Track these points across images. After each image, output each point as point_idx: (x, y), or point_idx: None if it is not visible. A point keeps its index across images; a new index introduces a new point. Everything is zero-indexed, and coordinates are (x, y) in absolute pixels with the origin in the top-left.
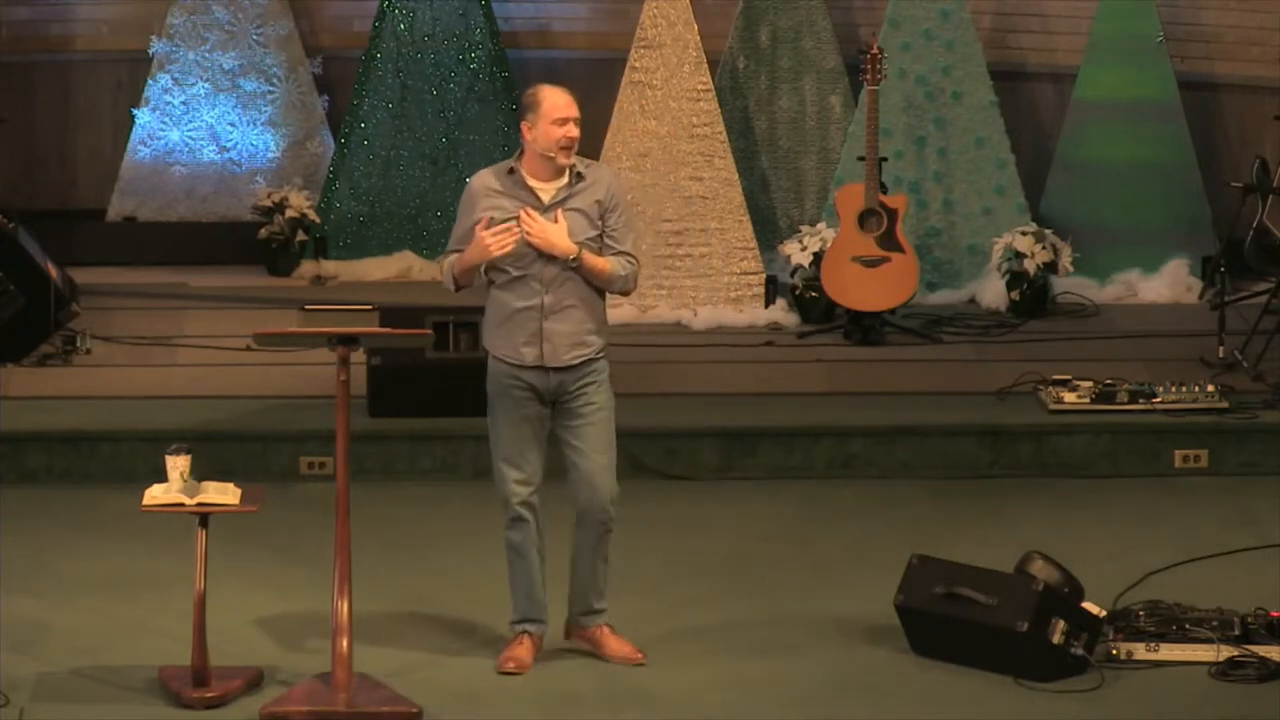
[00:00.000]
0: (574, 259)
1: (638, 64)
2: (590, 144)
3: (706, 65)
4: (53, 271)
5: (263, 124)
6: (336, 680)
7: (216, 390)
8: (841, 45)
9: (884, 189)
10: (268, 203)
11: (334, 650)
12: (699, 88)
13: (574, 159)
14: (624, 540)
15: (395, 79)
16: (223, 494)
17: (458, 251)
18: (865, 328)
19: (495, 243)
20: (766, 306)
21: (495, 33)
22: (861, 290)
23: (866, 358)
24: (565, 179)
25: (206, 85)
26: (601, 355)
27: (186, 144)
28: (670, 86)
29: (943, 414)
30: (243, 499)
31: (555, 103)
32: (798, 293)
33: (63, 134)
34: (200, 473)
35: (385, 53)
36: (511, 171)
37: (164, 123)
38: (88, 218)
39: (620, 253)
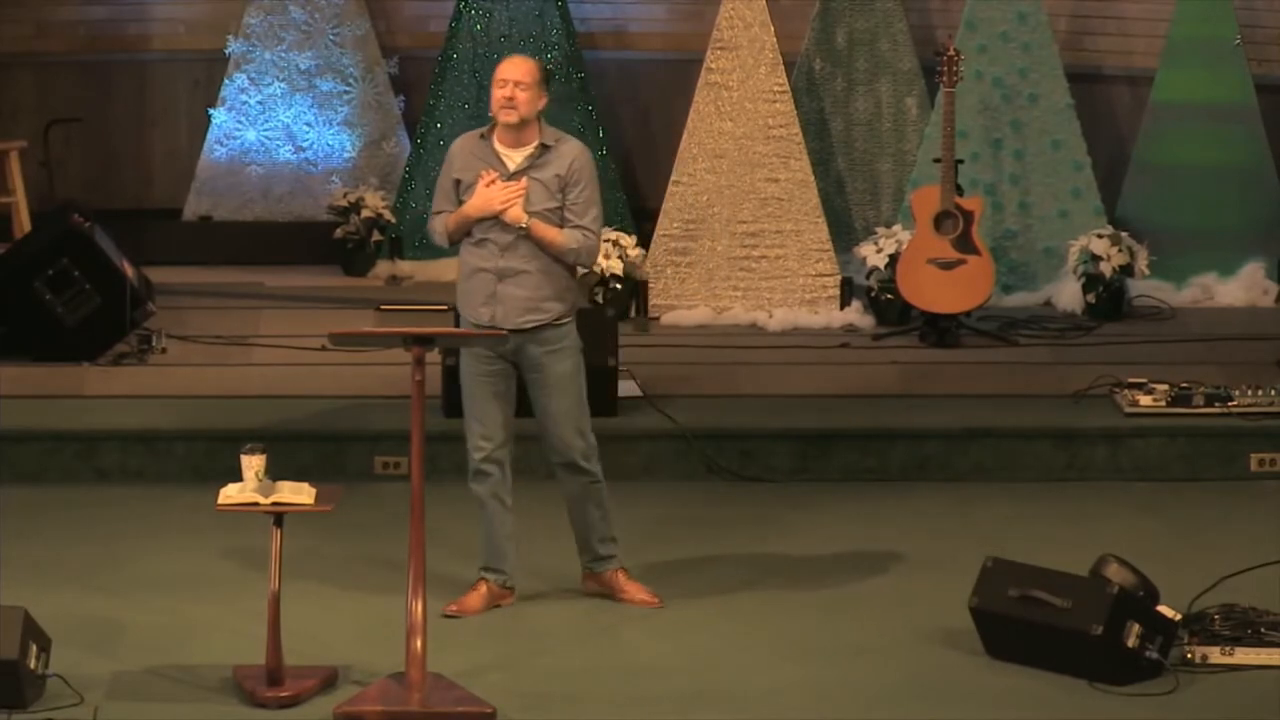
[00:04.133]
0: (523, 226)
1: (714, 65)
2: (667, 145)
3: (783, 67)
4: (128, 271)
5: (339, 124)
6: (410, 680)
7: (291, 390)
8: (918, 47)
9: (960, 191)
10: (343, 203)
11: (408, 650)
12: (775, 89)
13: (524, 123)
14: (697, 541)
15: (471, 79)
16: (298, 493)
17: (445, 211)
18: (941, 330)
19: (503, 198)
20: (842, 308)
21: (572, 33)
22: (937, 292)
23: (942, 360)
24: (532, 149)
25: (283, 85)
26: (563, 323)
27: (263, 144)
28: (746, 88)
29: (1018, 417)
30: (317, 499)
31: (501, 66)
32: (873, 295)
33: (139, 133)
34: (275, 472)
35: (462, 53)
36: (483, 137)
37: (240, 122)
38: (163, 217)
39: (578, 226)
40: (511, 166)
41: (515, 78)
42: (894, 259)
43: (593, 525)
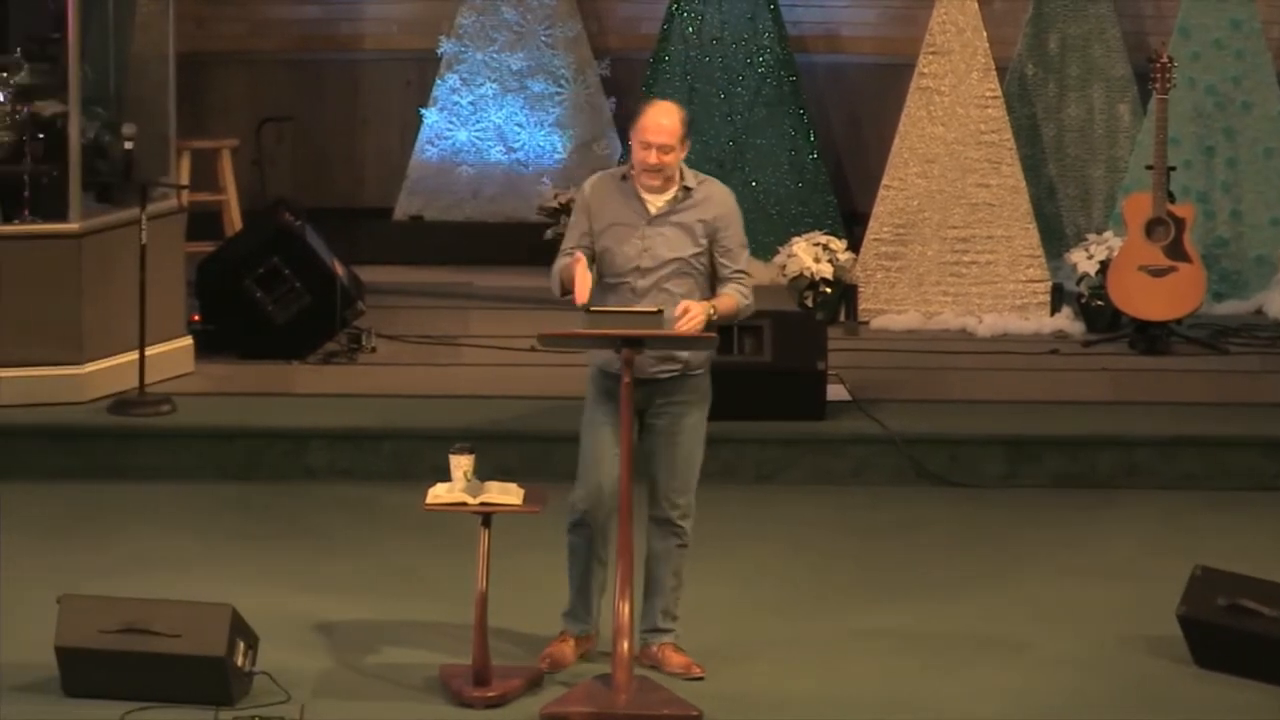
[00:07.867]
0: (712, 314)
1: (926, 70)
2: (878, 149)
3: (995, 72)
4: (339, 270)
5: (550, 125)
6: (617, 681)
7: (500, 390)
8: (1131, 53)
9: (1171, 198)
10: (554, 204)
11: (615, 651)
12: (987, 94)
13: (667, 178)
14: (904, 546)
15: (683, 81)
16: (505, 494)
17: (570, 252)
18: (1151, 337)
19: (580, 292)
20: (1052, 314)
21: (783, 36)
22: (1148, 299)
23: (1152, 367)
24: (673, 193)
25: (494, 86)
26: (697, 373)
27: (474, 144)
28: (958, 93)
29: (1228, 425)
30: (525, 499)
31: (645, 124)
32: (1084, 301)
33: (351, 133)
34: (482, 473)
35: (673, 55)
36: (624, 179)
37: (451, 123)
38: (374, 216)
39: (736, 273)
40: (653, 210)
41: (660, 142)
42: (1105, 266)
43: (663, 591)
